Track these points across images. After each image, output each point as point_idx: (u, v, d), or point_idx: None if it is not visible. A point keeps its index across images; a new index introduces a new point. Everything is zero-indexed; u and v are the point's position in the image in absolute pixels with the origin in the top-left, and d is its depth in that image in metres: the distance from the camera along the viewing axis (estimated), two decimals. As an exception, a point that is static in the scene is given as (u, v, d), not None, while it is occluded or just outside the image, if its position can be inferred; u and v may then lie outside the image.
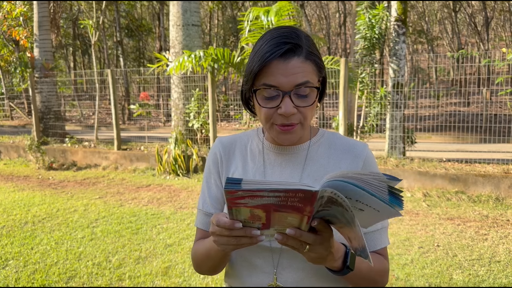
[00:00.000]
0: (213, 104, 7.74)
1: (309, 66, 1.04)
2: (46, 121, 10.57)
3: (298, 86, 1.02)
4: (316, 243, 0.88)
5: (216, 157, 1.22)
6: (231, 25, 23.01)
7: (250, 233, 0.87)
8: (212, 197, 1.21)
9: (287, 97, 1.02)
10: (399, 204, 0.79)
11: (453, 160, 6.83)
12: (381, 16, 7.24)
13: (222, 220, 0.89)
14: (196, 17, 8.60)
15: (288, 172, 1.14)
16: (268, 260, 1.10)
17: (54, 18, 14.88)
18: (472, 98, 14.74)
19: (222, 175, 1.20)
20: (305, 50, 1.04)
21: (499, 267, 3.71)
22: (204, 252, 1.14)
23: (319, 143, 1.19)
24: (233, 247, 0.92)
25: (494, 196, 5.64)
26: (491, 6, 23.76)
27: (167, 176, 7.63)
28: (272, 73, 1.02)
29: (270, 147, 1.19)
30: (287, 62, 1.02)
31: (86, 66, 32.21)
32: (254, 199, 0.80)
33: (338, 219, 0.85)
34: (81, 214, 5.53)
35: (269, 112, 1.05)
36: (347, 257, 0.99)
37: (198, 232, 1.24)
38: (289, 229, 0.86)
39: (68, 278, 3.66)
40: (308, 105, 1.04)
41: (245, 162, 1.20)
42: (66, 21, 24.85)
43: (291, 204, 0.80)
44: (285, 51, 1.02)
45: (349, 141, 1.19)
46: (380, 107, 7.27)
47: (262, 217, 0.85)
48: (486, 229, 4.66)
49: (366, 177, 0.79)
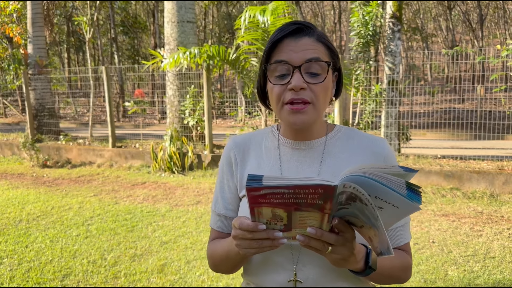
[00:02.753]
0: (209, 101, 7.73)
1: (320, 47, 1.05)
2: (40, 119, 10.50)
3: (308, 60, 1.02)
4: (338, 243, 0.87)
5: (229, 158, 1.20)
6: (226, 22, 22.96)
7: (272, 235, 0.87)
8: (224, 198, 1.20)
9: (297, 72, 1.02)
10: (418, 199, 0.78)
11: (448, 156, 6.85)
12: (374, 13, 7.25)
13: (245, 223, 0.88)
14: (191, 14, 8.57)
15: (305, 167, 1.12)
16: (288, 257, 1.09)
17: (48, 15, 14.78)
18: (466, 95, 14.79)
19: (237, 176, 1.18)
20: (317, 34, 1.06)
21: (494, 263, 3.73)
22: (222, 253, 1.13)
23: (337, 137, 1.16)
24: (255, 251, 0.91)
25: (488, 193, 5.67)
26: (485, 3, 23.83)
27: (162, 173, 7.61)
28: (283, 50, 1.04)
29: (285, 143, 1.16)
30: (298, 40, 1.04)
31: (80, 63, 32.04)
32: (275, 196, 0.79)
33: (358, 218, 0.84)
34: (76, 211, 5.51)
35: (280, 89, 1.04)
36: (369, 258, 0.98)
37: (213, 232, 1.23)
38: (310, 228, 0.85)
39: (63, 276, 3.65)
40: (319, 82, 1.03)
41: (260, 160, 1.17)
42: (60, 17, 24.68)
43: (311, 201, 0.80)
44: (296, 30, 1.04)
45: (368, 136, 1.17)
46: (375, 104, 7.28)
47: (283, 217, 0.84)
48: (481, 225, 4.69)
49: (383, 171, 0.78)
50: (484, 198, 5.59)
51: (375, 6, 7.24)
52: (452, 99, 15.13)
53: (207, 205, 5.72)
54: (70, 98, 18.70)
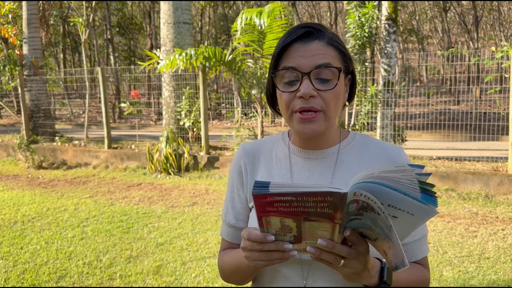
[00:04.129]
0: (205, 102, 7.73)
1: (331, 51, 1.00)
2: (35, 120, 10.47)
3: (318, 66, 0.97)
4: (351, 256, 0.83)
5: (240, 167, 1.16)
6: (223, 23, 22.97)
7: (282, 247, 0.83)
8: (235, 208, 1.16)
9: (306, 78, 0.97)
10: (433, 202, 0.74)
11: (443, 158, 6.88)
12: (370, 15, 7.27)
13: (253, 233, 0.85)
14: (187, 15, 8.57)
15: (317, 177, 1.07)
16: (298, 271, 1.04)
17: (43, 16, 14.73)
18: (462, 96, 14.86)
19: (247, 185, 1.14)
20: (328, 37, 1.01)
21: (488, 263, 3.74)
22: (233, 265, 1.10)
23: (350, 146, 1.11)
24: (265, 263, 0.88)
25: (483, 194, 5.69)
26: (480, 5, 23.95)
27: (158, 174, 7.60)
28: (292, 55, 0.99)
29: (296, 151, 1.11)
30: (307, 45, 0.99)
31: (76, 64, 31.96)
32: (283, 204, 0.76)
33: (372, 230, 0.80)
34: (71, 213, 5.49)
35: (289, 97, 0.99)
36: (384, 272, 0.93)
37: (223, 242, 1.21)
38: (320, 240, 0.81)
39: (58, 277, 3.64)
40: (330, 88, 0.98)
41: (270, 169, 1.12)
42: (56, 18, 24.61)
43: (321, 210, 0.76)
44: (305, 34, 1.00)
45: (383, 144, 1.12)
46: (371, 105, 7.30)
47: (292, 228, 0.81)
48: (476, 226, 4.71)
49: (394, 175, 0.74)
50: (479, 199, 5.62)
51: (371, 7, 7.26)
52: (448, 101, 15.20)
53: (203, 206, 5.72)
54: (65, 99, 18.65)
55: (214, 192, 6.40)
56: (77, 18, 11.09)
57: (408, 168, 0.74)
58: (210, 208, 5.60)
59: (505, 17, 26.68)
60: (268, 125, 13.73)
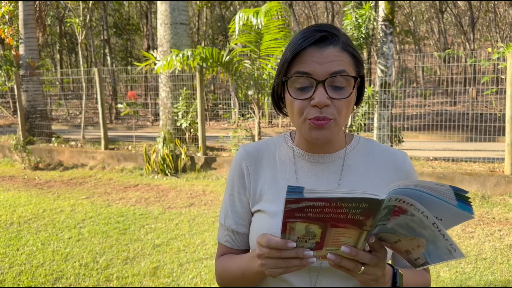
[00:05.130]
0: (202, 103, 7.72)
1: (346, 57, 0.98)
2: (32, 121, 10.43)
3: (333, 74, 0.94)
4: (373, 263, 0.82)
5: (241, 169, 1.11)
6: (220, 24, 22.96)
7: (302, 254, 0.80)
8: (235, 212, 1.12)
9: (321, 86, 0.94)
10: (469, 210, 0.75)
11: (440, 158, 6.89)
12: (367, 16, 7.28)
13: (273, 240, 0.82)
14: (184, 16, 8.56)
15: (324, 182, 1.05)
16: (305, 279, 1.00)
17: (40, 16, 14.68)
18: (458, 97, 14.90)
19: (250, 189, 1.10)
20: (342, 41, 0.98)
21: (485, 264, 3.75)
22: (238, 272, 1.05)
23: (356, 150, 1.09)
24: (282, 271, 0.84)
25: (480, 194, 5.71)
26: (476, 6, 24.05)
27: (155, 175, 7.59)
28: (306, 60, 0.96)
29: (302, 155, 1.08)
30: (322, 50, 0.96)
31: (72, 65, 31.88)
32: (314, 210, 0.74)
33: (395, 233, 0.80)
34: (67, 214, 5.47)
35: (302, 104, 0.96)
36: (396, 277, 0.94)
37: (221, 247, 1.16)
38: (344, 247, 0.80)
39: (54, 279, 3.62)
40: (344, 97, 0.95)
41: (274, 172, 1.09)
42: (53, 19, 24.55)
43: (352, 217, 0.75)
44: (320, 38, 0.96)
45: (388, 149, 1.11)
46: (368, 106, 7.31)
47: (317, 234, 0.79)
48: (473, 226, 4.72)
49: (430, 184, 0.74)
50: (475, 199, 5.63)
51: (368, 9, 7.27)
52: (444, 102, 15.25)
53: (200, 207, 5.71)
54: (62, 100, 18.59)
55: (211, 193, 6.39)
56: (73, 19, 11.07)
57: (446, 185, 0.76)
58: (207, 209, 5.59)
59: (501, 18, 26.79)
60: (265, 126, 13.72)
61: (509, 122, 5.83)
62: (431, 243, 0.79)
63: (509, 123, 5.82)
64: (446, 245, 0.78)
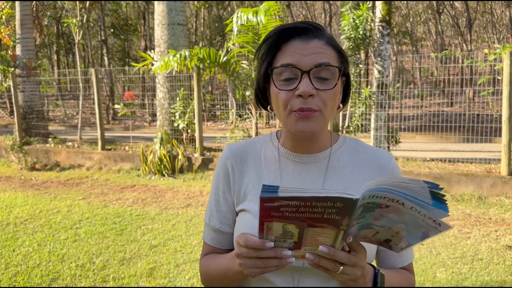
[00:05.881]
0: (199, 103, 7.71)
1: (331, 51, 0.98)
2: (28, 121, 10.40)
3: (318, 65, 0.94)
4: (351, 263, 0.82)
5: (226, 169, 1.11)
6: (217, 25, 22.96)
7: (281, 254, 0.81)
8: (220, 212, 1.11)
9: (306, 77, 0.93)
10: (444, 208, 0.75)
11: (436, 159, 6.91)
12: (365, 17, 7.30)
13: (251, 240, 0.82)
14: (182, 16, 8.56)
15: (308, 182, 1.04)
16: (288, 279, 1.00)
17: (37, 17, 14.66)
18: (455, 98, 14.94)
19: (234, 188, 1.09)
20: (326, 36, 0.99)
21: (482, 264, 3.76)
22: (219, 271, 1.05)
23: (341, 150, 1.08)
24: (260, 271, 0.85)
25: (476, 195, 5.72)
26: (473, 8, 24.12)
27: (152, 176, 7.57)
28: (290, 52, 0.96)
29: (287, 154, 1.07)
30: (307, 43, 0.96)
31: (70, 65, 31.82)
32: (290, 209, 0.74)
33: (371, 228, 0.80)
34: (64, 215, 5.46)
35: (287, 95, 0.96)
36: (377, 278, 0.93)
37: (205, 246, 1.16)
38: (322, 247, 0.80)
39: (51, 280, 3.61)
40: (329, 88, 0.95)
41: (259, 172, 1.08)
42: (50, 19, 24.50)
43: (328, 216, 0.75)
44: (304, 31, 0.97)
45: (374, 150, 1.11)
46: (365, 107, 7.33)
47: (294, 234, 0.79)
48: (469, 227, 4.73)
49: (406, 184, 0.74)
50: (472, 200, 5.64)
51: (365, 10, 7.29)
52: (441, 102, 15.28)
53: (197, 208, 5.71)
54: (59, 100, 18.56)
55: (208, 194, 6.38)
56: (71, 19, 11.04)
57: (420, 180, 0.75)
58: (204, 210, 5.58)
59: (498, 19, 26.88)
60: (262, 126, 13.72)
61: (505, 123, 5.85)
62: (412, 225, 0.79)
63: (505, 124, 5.84)
64: (429, 222, 0.77)
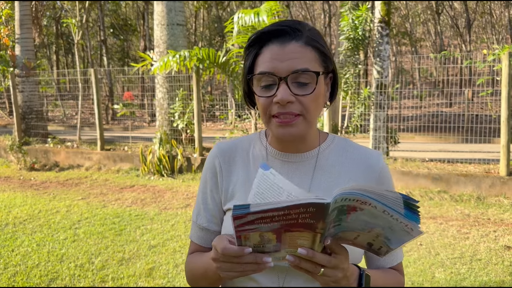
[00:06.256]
0: (198, 104, 7.72)
1: (309, 52, 0.96)
2: (28, 121, 10.40)
3: (295, 72, 0.93)
4: (331, 265, 0.82)
5: (214, 167, 1.10)
6: (217, 25, 22.97)
7: (260, 260, 0.80)
8: (207, 210, 1.11)
9: (283, 83, 0.93)
10: (415, 219, 0.75)
11: (435, 160, 6.91)
12: (364, 17, 7.30)
13: (230, 248, 0.81)
14: (181, 17, 8.56)
15: (296, 182, 1.02)
16: (274, 279, 1.00)
17: (36, 17, 14.66)
18: (454, 98, 14.95)
19: (222, 187, 1.09)
20: (306, 36, 0.97)
21: (480, 265, 3.76)
22: (201, 270, 1.04)
23: (329, 149, 1.07)
24: (238, 275, 0.84)
25: (475, 195, 5.73)
26: (472, 8, 24.14)
27: (151, 176, 7.57)
28: (267, 59, 0.96)
29: (274, 154, 1.07)
30: (284, 47, 0.95)
31: (69, 65, 31.81)
32: (264, 220, 0.74)
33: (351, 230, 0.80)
34: (63, 215, 5.45)
35: (266, 102, 0.96)
36: (362, 279, 0.92)
37: (192, 244, 1.15)
38: (300, 249, 0.80)
39: (49, 280, 3.61)
40: (308, 93, 0.94)
41: (247, 171, 1.07)
42: (49, 19, 24.49)
43: (302, 221, 0.75)
44: (282, 33, 0.96)
45: (362, 149, 1.10)
46: (364, 107, 7.33)
47: (272, 239, 0.79)
48: (468, 227, 4.73)
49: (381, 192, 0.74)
50: (471, 201, 5.65)
51: (364, 10, 7.30)
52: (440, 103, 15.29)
53: (196, 208, 5.70)
54: (58, 100, 18.55)
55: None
56: (70, 19, 11.04)
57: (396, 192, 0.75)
58: (203, 210, 5.58)
59: (497, 20, 26.91)
60: (261, 127, 13.73)
61: (504, 124, 5.85)
62: (388, 229, 0.79)
63: (504, 124, 5.85)
64: (401, 227, 0.77)
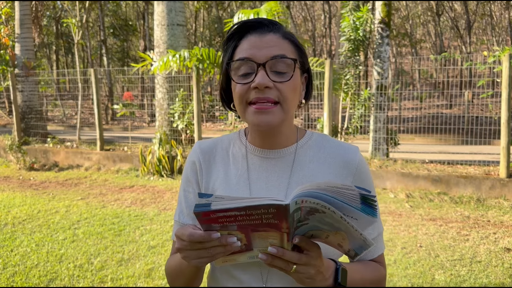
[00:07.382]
0: (198, 104, 7.71)
1: (287, 44, 1.00)
2: (27, 121, 10.39)
3: (273, 57, 0.96)
4: (302, 262, 0.83)
5: (194, 165, 1.11)
6: (217, 26, 22.96)
7: (226, 241, 0.79)
8: (190, 207, 1.10)
9: (262, 69, 0.95)
10: (372, 213, 0.76)
11: (435, 161, 6.91)
12: (365, 18, 7.30)
13: (197, 234, 0.80)
14: (181, 17, 8.55)
15: (275, 178, 1.05)
16: (256, 275, 1.01)
17: (36, 17, 14.65)
18: (454, 100, 14.96)
19: (202, 184, 1.10)
20: (283, 31, 1.01)
21: (480, 267, 3.76)
22: (176, 268, 1.04)
23: (307, 145, 1.09)
24: (207, 260, 0.84)
25: (475, 197, 5.72)
26: (473, 10, 24.16)
27: (151, 177, 7.57)
28: (245, 47, 0.99)
29: (254, 151, 1.08)
30: (262, 37, 0.99)
31: (69, 65, 31.80)
32: (228, 219, 0.75)
33: (320, 229, 0.81)
34: (62, 215, 5.44)
35: (243, 88, 0.97)
36: (338, 274, 0.92)
37: (174, 245, 1.12)
38: (270, 247, 0.81)
39: (48, 280, 3.60)
40: (285, 80, 0.96)
41: (227, 168, 1.09)
42: (49, 19, 24.49)
43: (267, 221, 0.76)
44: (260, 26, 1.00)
45: (340, 144, 1.10)
46: (364, 108, 7.33)
47: (242, 238, 0.80)
48: (468, 229, 4.73)
49: (338, 189, 0.76)
50: (471, 202, 5.64)
51: (365, 11, 7.29)
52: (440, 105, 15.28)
53: (195, 209, 5.70)
54: (58, 100, 18.54)
55: (207, 195, 6.37)
56: (70, 19, 11.04)
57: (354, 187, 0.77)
58: (202, 211, 5.57)
59: (497, 22, 26.93)
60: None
61: (504, 125, 5.85)
62: (349, 235, 0.80)
63: (504, 126, 5.84)
64: (358, 235, 0.79)
